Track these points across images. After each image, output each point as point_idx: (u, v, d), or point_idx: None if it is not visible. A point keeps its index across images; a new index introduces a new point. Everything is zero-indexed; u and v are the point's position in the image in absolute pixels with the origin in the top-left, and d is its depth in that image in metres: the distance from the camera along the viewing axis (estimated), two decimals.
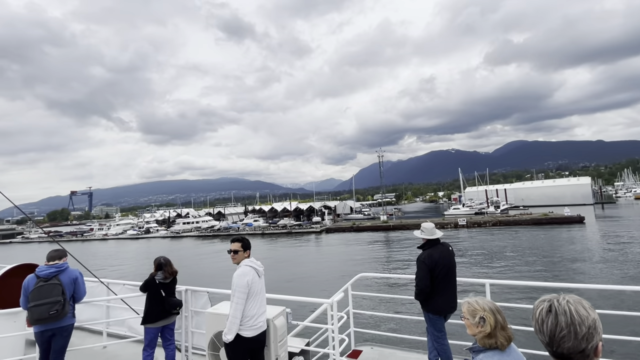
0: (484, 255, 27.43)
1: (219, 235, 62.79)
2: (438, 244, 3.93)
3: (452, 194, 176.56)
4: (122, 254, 45.88)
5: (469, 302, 1.92)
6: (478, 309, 1.84)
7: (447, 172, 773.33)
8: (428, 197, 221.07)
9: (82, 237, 78.57)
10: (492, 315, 1.80)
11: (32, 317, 3.69)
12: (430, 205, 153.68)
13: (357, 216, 75.22)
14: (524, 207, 76.05)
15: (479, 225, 49.04)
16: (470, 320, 1.86)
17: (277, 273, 25.01)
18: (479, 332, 1.81)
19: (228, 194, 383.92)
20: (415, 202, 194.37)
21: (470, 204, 73.11)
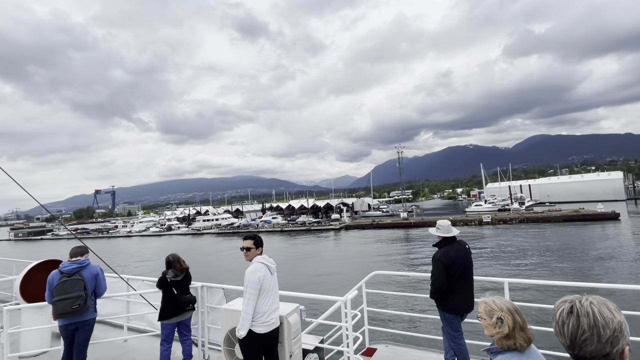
0: (509, 253, 26.57)
1: (239, 232, 62.95)
2: (454, 241, 3.85)
3: (471, 191, 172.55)
4: (146, 250, 47.01)
5: (485, 301, 1.87)
6: (495, 309, 1.80)
7: (465, 168, 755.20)
8: (446, 193, 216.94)
9: (108, 234, 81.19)
10: (511, 316, 1.75)
11: (56, 311, 3.84)
12: (448, 202, 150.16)
13: (375, 213, 74.19)
14: (550, 203, 73.13)
15: (505, 222, 47.44)
16: (487, 320, 1.81)
17: (294, 270, 25.06)
18: (496, 333, 1.76)
19: (244, 191, 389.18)
20: (433, 199, 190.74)
21: (492, 200, 71.15)
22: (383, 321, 10.90)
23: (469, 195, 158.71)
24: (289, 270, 24.72)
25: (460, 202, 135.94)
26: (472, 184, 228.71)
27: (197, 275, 4.71)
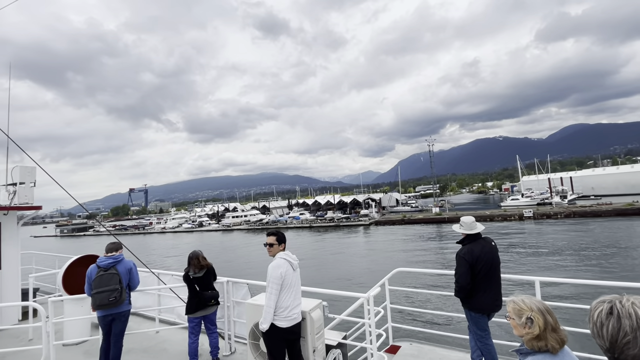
0: (553, 249, 25.01)
1: (267, 228, 61.98)
2: (479, 238, 3.73)
3: (502, 184, 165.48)
4: (180, 246, 48.36)
5: (514, 300, 1.79)
6: (525, 308, 1.71)
7: (494, 161, 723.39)
8: (475, 188, 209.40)
9: (144, 230, 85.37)
10: (541, 316, 1.66)
11: (95, 303, 4.09)
12: (479, 197, 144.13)
13: (404, 208, 72.39)
14: (595, 196, 67.98)
15: (549, 216, 44.80)
16: (516, 320, 1.73)
17: (322, 266, 25.00)
18: (526, 333, 1.69)
19: (268, 188, 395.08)
20: (461, 194, 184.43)
21: (530, 194, 67.59)
22: (407, 319, 10.79)
23: (501, 189, 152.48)
24: (316, 267, 24.66)
25: (492, 197, 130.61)
26: (503, 178, 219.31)
27: (227, 270, 4.83)
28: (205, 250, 4.92)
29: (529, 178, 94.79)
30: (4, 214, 6.50)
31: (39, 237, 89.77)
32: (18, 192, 6.57)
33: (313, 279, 20.42)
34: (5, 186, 6.71)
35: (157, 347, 5.22)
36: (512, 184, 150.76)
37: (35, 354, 4.91)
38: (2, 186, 6.74)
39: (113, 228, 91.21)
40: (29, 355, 5.00)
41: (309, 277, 20.66)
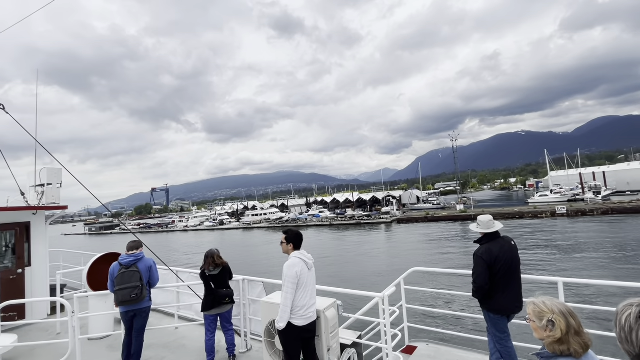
0: (587, 248, 23.79)
1: (287, 226, 62.16)
2: (498, 237, 3.63)
3: (526, 180, 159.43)
4: (202, 244, 48.76)
5: (534, 302, 1.73)
6: (545, 310, 1.66)
7: (516, 157, 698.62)
8: (497, 184, 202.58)
9: (167, 228, 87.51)
10: (563, 319, 1.60)
11: (117, 299, 4.24)
12: (502, 193, 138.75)
13: (425, 206, 70.36)
14: (631, 192, 64.35)
15: (584, 213, 42.51)
16: (536, 323, 1.68)
17: (342, 265, 24.71)
18: (547, 336, 1.64)
19: (285, 186, 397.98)
20: (483, 190, 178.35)
21: (559, 190, 64.58)
22: (423, 319, 10.60)
23: (525, 186, 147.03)
24: (336, 265, 24.39)
25: (516, 193, 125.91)
26: (527, 174, 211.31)
27: (247, 268, 4.88)
28: (226, 248, 5.01)
29: (557, 173, 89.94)
30: (33, 214, 6.84)
31: (69, 235, 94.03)
32: (46, 193, 6.90)
33: (332, 277, 20.24)
34: (34, 187, 7.05)
35: (176, 343, 5.36)
36: (537, 180, 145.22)
37: (63, 347, 5.14)
38: (31, 187, 7.09)
39: (137, 226, 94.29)
40: (57, 348, 5.24)
41: (328, 276, 20.52)
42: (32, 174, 7.07)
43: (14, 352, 5.12)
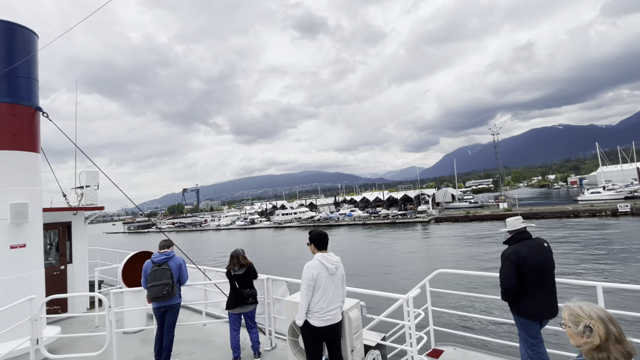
0: None
1: (319, 225, 61.37)
2: (527, 238, 3.45)
3: (567, 177, 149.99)
4: (236, 243, 49.47)
5: (570, 307, 1.64)
6: (582, 315, 1.57)
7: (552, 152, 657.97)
8: (535, 181, 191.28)
9: (200, 227, 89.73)
10: (602, 325, 1.50)
11: (150, 295, 4.44)
12: (541, 191, 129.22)
13: (461, 204, 66.72)
14: None
15: None
16: (572, 328, 1.60)
17: (375, 267, 23.98)
18: (584, 343, 1.55)
19: (310, 186, 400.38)
20: (519, 188, 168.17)
21: (612, 186, 59.80)
22: (450, 322, 10.27)
23: (566, 182, 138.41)
24: (368, 266, 23.72)
25: (557, 191, 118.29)
26: (567, 170, 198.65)
27: (276, 267, 4.90)
28: (257, 247, 5.07)
29: (608, 169, 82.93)
30: (73, 214, 7.34)
31: (110, 233, 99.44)
32: (85, 194, 7.38)
33: (363, 277, 19.80)
34: (74, 189, 7.56)
35: (204, 339, 5.53)
36: (580, 176, 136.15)
37: (101, 339, 5.45)
38: (71, 189, 7.60)
39: (172, 225, 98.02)
40: (96, 340, 5.58)
41: (360, 276, 20.14)
42: (72, 177, 7.59)
43: (58, 343, 5.50)
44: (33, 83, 5.44)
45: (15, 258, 5.00)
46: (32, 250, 5.20)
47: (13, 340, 4.60)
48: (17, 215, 4.95)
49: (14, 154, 5.10)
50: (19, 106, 5.19)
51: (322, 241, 3.48)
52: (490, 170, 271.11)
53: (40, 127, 5.61)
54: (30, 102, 5.35)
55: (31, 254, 5.19)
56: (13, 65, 5.09)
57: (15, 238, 5.02)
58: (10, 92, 5.13)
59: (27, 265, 5.10)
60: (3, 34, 5.16)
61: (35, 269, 5.22)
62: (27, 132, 5.26)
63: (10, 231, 4.97)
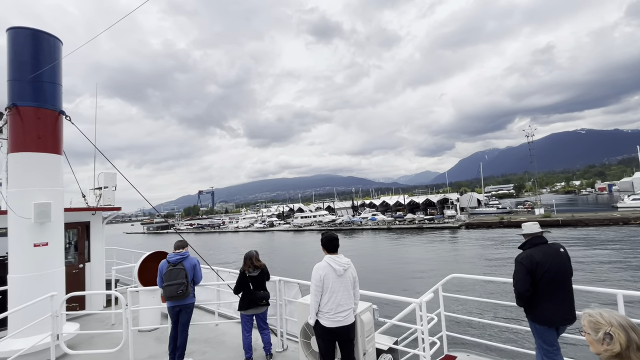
0: None
1: (342, 229, 59.32)
2: (543, 244, 3.40)
3: (594, 183, 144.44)
4: (255, 245, 48.14)
5: (590, 313, 1.60)
6: (602, 322, 1.53)
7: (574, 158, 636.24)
8: (558, 187, 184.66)
9: (219, 229, 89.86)
10: (623, 332, 1.46)
11: (165, 294, 4.51)
12: (568, 197, 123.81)
13: (487, 210, 64.79)
14: None
15: None
16: (592, 335, 1.56)
17: (402, 273, 22.76)
18: (604, 350, 1.51)
19: (323, 189, 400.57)
20: (542, 194, 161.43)
21: None
22: (464, 328, 10.08)
23: (593, 189, 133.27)
24: (394, 274, 22.58)
25: (585, 197, 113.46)
26: (592, 175, 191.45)
27: (293, 271, 4.89)
28: (277, 250, 5.05)
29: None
30: (92, 214, 7.57)
31: (129, 233, 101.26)
32: (103, 195, 7.62)
33: (388, 284, 19.18)
34: (93, 190, 7.81)
35: (217, 339, 5.58)
36: (608, 182, 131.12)
37: (117, 337, 5.58)
38: (90, 190, 7.85)
39: (190, 227, 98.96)
40: (112, 337, 5.72)
41: (383, 283, 19.41)
42: (91, 178, 7.85)
43: (76, 339, 5.66)
44: (57, 88, 5.67)
45: (38, 256, 5.18)
46: (54, 248, 5.38)
47: (35, 335, 4.75)
48: (41, 215, 5.14)
49: (39, 155, 5.31)
50: (44, 110, 5.41)
51: (331, 244, 3.54)
52: (508, 175, 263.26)
53: (63, 130, 5.83)
54: (54, 106, 5.57)
55: (53, 252, 5.37)
56: (39, 71, 5.32)
57: (38, 237, 5.20)
58: (35, 96, 5.36)
59: (49, 263, 5.28)
60: (30, 41, 5.41)
61: (56, 267, 5.39)
62: (50, 135, 5.47)
63: (34, 230, 5.16)
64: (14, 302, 4.93)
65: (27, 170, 5.24)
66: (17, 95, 5.28)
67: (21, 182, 5.21)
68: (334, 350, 3.47)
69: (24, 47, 5.37)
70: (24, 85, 5.30)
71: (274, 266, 27.85)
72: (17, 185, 5.20)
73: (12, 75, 5.30)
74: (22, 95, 5.29)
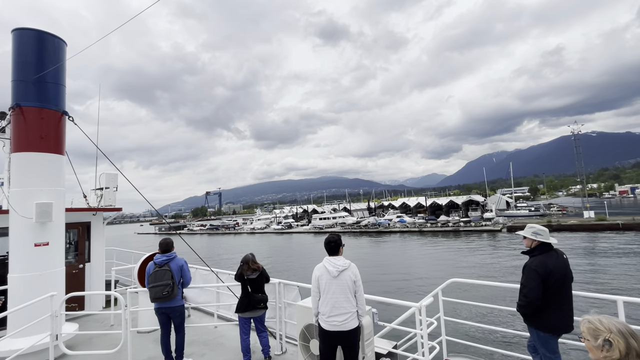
0: None
1: (368, 231, 56.89)
2: (551, 250, 3.33)
3: (611, 186, 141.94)
4: (276, 248, 46.60)
5: (589, 320, 1.61)
6: (602, 329, 1.54)
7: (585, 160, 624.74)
8: (574, 190, 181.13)
9: (234, 230, 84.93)
10: (623, 339, 1.48)
11: (151, 295, 4.48)
12: (591, 200, 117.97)
13: (519, 212, 61.73)
14: None
15: None
16: (591, 342, 1.57)
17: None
18: (603, 357, 1.54)
19: (329, 191, 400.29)
20: (557, 197, 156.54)
21: None
22: (463, 333, 9.92)
23: (613, 192, 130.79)
24: (432, 281, 20.32)
25: (609, 200, 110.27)
26: (606, 179, 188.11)
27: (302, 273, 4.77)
28: (297, 253, 4.88)
29: None
30: (93, 214, 7.60)
31: (141, 234, 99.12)
32: (104, 196, 7.64)
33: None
34: (94, 190, 7.84)
35: (215, 342, 5.54)
36: (632, 185, 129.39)
37: (116, 338, 5.57)
38: (91, 190, 7.88)
39: (203, 227, 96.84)
40: (111, 338, 5.70)
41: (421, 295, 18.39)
42: (92, 178, 7.88)
43: (75, 340, 5.66)
44: (60, 88, 5.71)
45: (39, 255, 5.20)
46: (54, 248, 5.40)
47: (34, 335, 4.75)
48: (42, 215, 5.16)
49: (41, 155, 5.34)
50: (47, 110, 5.44)
51: (328, 247, 3.59)
52: (519, 178, 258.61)
53: (72, 132, 5.86)
54: (58, 107, 5.61)
55: (54, 252, 5.38)
56: (43, 72, 5.36)
57: (39, 236, 5.22)
58: (39, 96, 5.40)
59: (49, 262, 5.29)
60: (34, 42, 5.46)
61: (57, 267, 5.40)
62: (53, 135, 5.50)
63: (35, 229, 5.18)
64: (14, 302, 4.94)
65: (29, 170, 5.27)
66: (21, 96, 5.32)
67: (23, 181, 5.24)
68: (334, 355, 3.40)
69: (29, 47, 5.42)
70: (28, 85, 5.34)
71: (293, 270, 26.36)
72: (19, 184, 5.24)
73: (17, 75, 5.35)
74: (25, 96, 5.33)
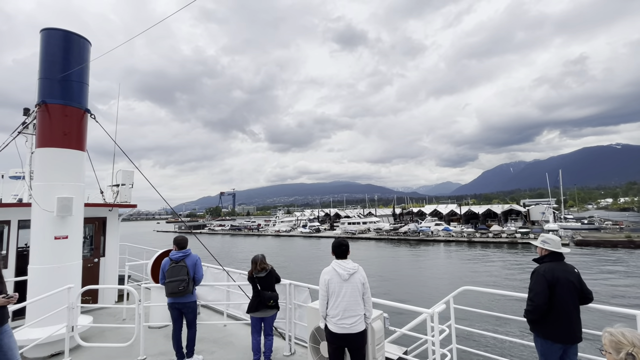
0: None
1: (408, 239, 52.55)
2: (561, 260, 3.35)
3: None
4: (304, 252, 45.37)
5: (611, 332, 1.59)
6: (624, 342, 1.51)
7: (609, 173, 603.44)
8: (607, 202, 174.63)
9: (258, 232, 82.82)
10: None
11: (167, 290, 4.57)
12: (632, 214, 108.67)
13: (570, 225, 56.40)
14: None
15: None
16: (613, 355, 1.55)
17: None
18: None
19: (341, 196, 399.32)
20: (587, 210, 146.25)
21: None
22: (475, 342, 9.74)
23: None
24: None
25: None
26: (636, 192, 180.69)
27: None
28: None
29: None
30: (109, 210, 7.79)
31: (160, 232, 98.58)
32: (120, 192, 7.82)
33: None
34: (110, 187, 8.04)
35: (225, 340, 5.56)
36: None
37: (128, 331, 5.66)
38: (108, 187, 8.09)
39: (226, 227, 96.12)
40: (123, 332, 5.80)
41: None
42: (110, 175, 8.09)
43: (89, 332, 5.79)
44: (84, 87, 5.91)
45: (58, 248, 5.36)
46: (73, 242, 5.55)
47: (51, 326, 4.89)
48: (63, 209, 5.32)
49: (64, 151, 5.53)
50: (70, 108, 5.64)
51: (338, 250, 3.58)
52: (539, 189, 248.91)
53: (95, 129, 6.03)
54: (80, 104, 5.80)
55: (72, 245, 5.54)
56: (68, 71, 5.55)
57: (59, 230, 5.38)
58: (63, 94, 5.59)
59: (68, 255, 5.45)
60: (61, 42, 5.67)
61: (74, 260, 5.55)
62: (75, 132, 5.68)
63: (56, 223, 5.35)
64: (33, 293, 5.09)
65: (52, 165, 5.45)
66: (46, 93, 5.52)
67: (46, 176, 5.42)
68: (342, 357, 3.44)
69: (55, 47, 5.62)
70: (54, 83, 5.54)
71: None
72: (42, 179, 5.42)
73: (43, 73, 5.56)
74: (51, 93, 5.52)
